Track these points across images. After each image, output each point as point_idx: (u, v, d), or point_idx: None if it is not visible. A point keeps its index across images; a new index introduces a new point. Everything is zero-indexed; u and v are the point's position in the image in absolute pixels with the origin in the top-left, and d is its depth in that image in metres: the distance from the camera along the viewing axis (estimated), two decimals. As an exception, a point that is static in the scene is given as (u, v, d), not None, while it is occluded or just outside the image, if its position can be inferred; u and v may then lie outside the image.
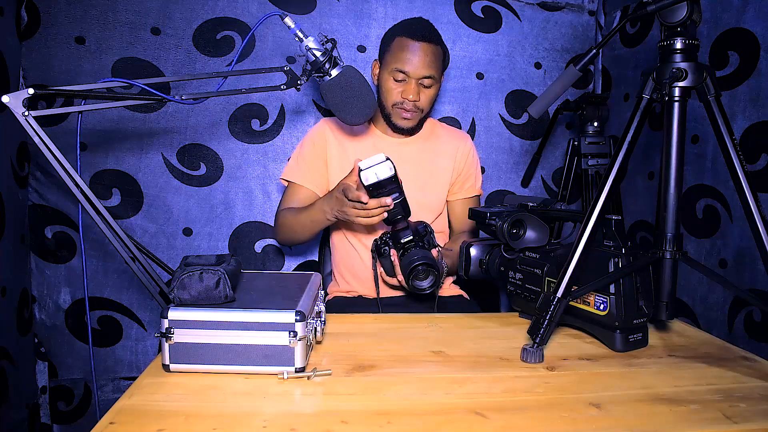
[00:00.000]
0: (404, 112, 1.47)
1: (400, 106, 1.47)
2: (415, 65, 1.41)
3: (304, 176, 1.54)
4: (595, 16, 2.08)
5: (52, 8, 1.68)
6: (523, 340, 1.03)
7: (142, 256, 0.98)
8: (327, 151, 1.54)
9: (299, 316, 0.87)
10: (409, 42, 1.42)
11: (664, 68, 0.96)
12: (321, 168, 1.55)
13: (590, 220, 0.98)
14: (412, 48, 1.41)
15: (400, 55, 1.42)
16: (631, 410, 0.81)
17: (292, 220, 1.48)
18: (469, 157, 1.63)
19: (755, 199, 0.93)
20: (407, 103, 1.45)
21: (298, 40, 1.11)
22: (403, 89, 1.44)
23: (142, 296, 1.82)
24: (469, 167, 1.63)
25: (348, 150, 1.55)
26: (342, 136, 1.56)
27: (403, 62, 1.42)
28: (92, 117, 1.73)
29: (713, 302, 1.52)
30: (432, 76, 1.44)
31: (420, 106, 1.47)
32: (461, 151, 1.61)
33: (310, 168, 1.54)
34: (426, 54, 1.42)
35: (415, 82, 1.43)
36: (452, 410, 0.80)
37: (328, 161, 1.54)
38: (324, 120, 1.60)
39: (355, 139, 1.57)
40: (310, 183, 1.54)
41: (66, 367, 1.80)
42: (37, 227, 1.74)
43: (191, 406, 0.80)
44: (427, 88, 1.46)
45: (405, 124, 1.50)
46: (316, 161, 1.54)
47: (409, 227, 1.28)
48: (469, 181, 1.64)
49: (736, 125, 1.42)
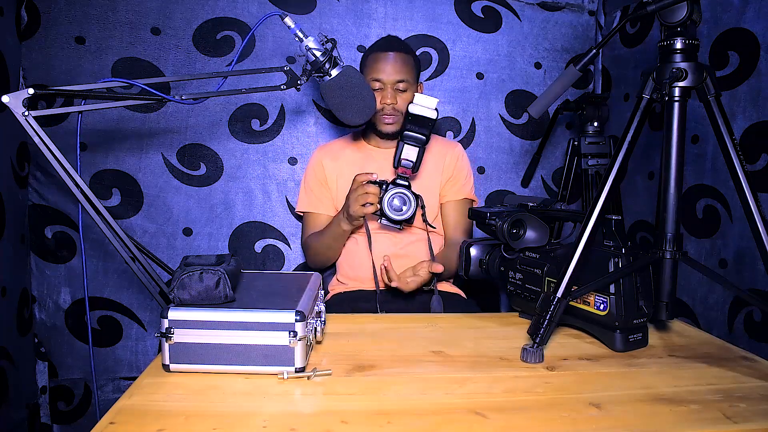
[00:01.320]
0: (386, 117, 1.59)
1: (381, 113, 1.58)
2: (387, 72, 1.56)
3: (314, 204, 1.70)
4: (595, 16, 2.08)
5: (52, 8, 1.68)
6: (523, 340, 1.03)
7: (142, 256, 0.98)
8: (326, 175, 1.68)
9: (299, 316, 0.87)
10: (380, 54, 1.58)
11: (664, 68, 0.96)
12: (326, 192, 1.69)
13: (590, 220, 0.98)
14: (384, 57, 1.57)
15: (374, 66, 1.58)
16: (631, 410, 0.81)
17: (317, 244, 1.64)
18: (458, 162, 1.70)
19: (755, 199, 0.93)
20: (386, 108, 1.58)
21: (298, 40, 1.11)
22: (381, 96, 1.57)
23: (142, 296, 1.82)
24: (459, 171, 1.70)
25: (343, 167, 1.66)
26: (336, 158, 1.69)
27: (377, 71, 1.57)
28: (92, 117, 1.73)
29: (713, 302, 1.52)
30: (404, 80, 1.57)
31: (399, 109, 1.59)
32: (449, 155, 1.69)
33: (317, 195, 1.69)
34: (396, 61, 1.57)
35: (390, 88, 1.57)
36: (452, 410, 0.80)
37: (330, 184, 1.68)
38: (318, 148, 1.75)
39: (349, 155, 1.69)
40: (321, 208, 1.69)
41: (66, 367, 1.80)
42: (37, 227, 1.74)
43: (191, 406, 0.80)
44: (403, 92, 1.59)
45: (388, 129, 1.61)
46: (320, 188, 1.69)
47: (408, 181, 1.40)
48: (458, 183, 1.69)
49: (736, 125, 1.42)
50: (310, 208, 1.70)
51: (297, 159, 1.89)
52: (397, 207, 1.36)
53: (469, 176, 1.73)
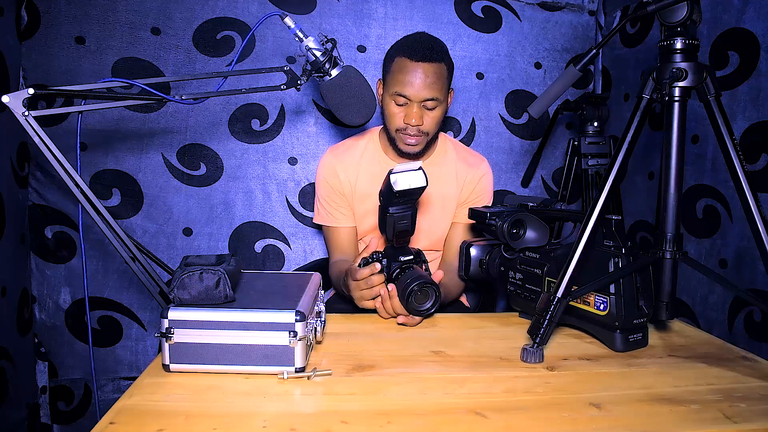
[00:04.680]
0: (408, 138, 1.40)
1: (404, 132, 1.40)
2: (416, 88, 1.34)
3: (332, 217, 1.54)
4: (595, 16, 2.08)
5: (52, 8, 1.68)
6: (523, 340, 1.03)
7: (142, 256, 0.98)
8: (341, 183, 1.51)
9: (299, 316, 0.87)
10: (409, 63, 1.34)
11: (664, 68, 0.96)
12: (343, 201, 1.53)
13: (590, 220, 0.98)
14: (412, 70, 1.34)
15: (399, 78, 1.35)
16: (631, 410, 0.81)
17: (335, 281, 1.47)
18: (478, 186, 1.55)
19: (755, 199, 0.93)
20: (410, 128, 1.38)
21: (298, 40, 1.11)
22: (405, 113, 1.37)
23: (142, 296, 1.82)
24: (476, 195, 1.55)
25: (360, 178, 1.51)
26: (351, 166, 1.52)
27: (402, 85, 1.35)
28: (92, 117, 1.73)
29: (713, 302, 1.52)
30: (435, 98, 1.36)
31: (424, 130, 1.39)
32: (469, 178, 1.54)
33: (334, 207, 1.53)
34: (427, 75, 1.34)
35: (417, 106, 1.36)
36: (452, 410, 0.80)
37: (345, 192, 1.52)
38: (329, 151, 1.56)
39: (366, 168, 1.52)
40: (341, 221, 1.53)
41: (66, 367, 1.80)
42: (37, 227, 1.74)
43: (191, 406, 0.80)
44: (431, 110, 1.38)
45: (410, 150, 1.43)
46: (336, 197, 1.52)
47: (409, 246, 1.22)
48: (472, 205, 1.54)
49: (736, 125, 1.42)
50: (328, 221, 1.54)
51: (297, 159, 1.89)
52: (421, 301, 1.13)
53: (488, 201, 1.57)
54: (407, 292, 1.10)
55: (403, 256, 1.19)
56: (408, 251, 1.20)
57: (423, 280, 1.11)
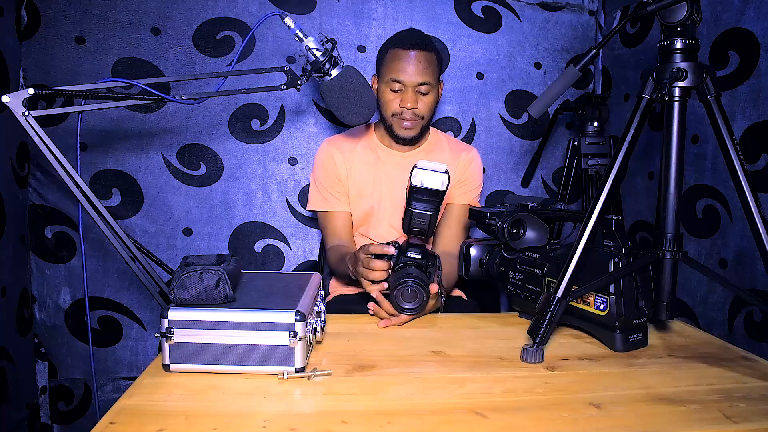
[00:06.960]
0: (404, 122, 1.48)
1: (400, 116, 1.48)
2: (409, 73, 1.43)
3: (328, 202, 1.58)
4: (595, 16, 2.08)
5: (52, 8, 1.67)
6: (523, 340, 1.03)
7: (142, 256, 0.98)
8: (338, 169, 1.57)
9: (299, 316, 0.87)
10: (402, 51, 1.44)
11: (664, 68, 0.96)
12: (339, 187, 1.58)
13: (590, 220, 0.98)
14: (405, 57, 1.44)
15: (394, 66, 1.45)
16: (631, 410, 0.81)
17: (336, 266, 1.50)
18: (470, 167, 1.61)
19: (755, 199, 0.93)
20: (406, 112, 1.46)
21: (298, 40, 1.11)
22: (401, 98, 1.46)
23: (142, 296, 1.82)
24: (468, 176, 1.60)
25: (354, 165, 1.57)
26: (348, 153, 1.58)
27: (397, 72, 1.44)
28: (92, 117, 1.73)
29: (713, 302, 1.52)
30: (427, 82, 1.45)
31: (419, 114, 1.48)
32: (462, 159, 1.61)
33: (330, 192, 1.57)
34: (419, 61, 1.43)
35: (411, 90, 1.45)
36: (452, 410, 0.80)
37: (341, 176, 1.57)
38: (327, 140, 1.63)
39: (360, 155, 1.58)
40: (336, 205, 1.57)
41: (66, 367, 1.80)
42: (37, 227, 1.74)
43: (191, 406, 0.80)
44: (425, 95, 1.47)
45: (406, 133, 1.50)
46: (333, 182, 1.57)
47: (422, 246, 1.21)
48: (463, 188, 1.60)
49: (736, 125, 1.42)
50: (324, 206, 1.58)
51: (297, 159, 1.89)
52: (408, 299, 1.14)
53: (478, 183, 1.62)
54: (397, 284, 1.12)
55: (413, 254, 1.19)
56: (420, 251, 1.20)
57: (417, 280, 1.12)
